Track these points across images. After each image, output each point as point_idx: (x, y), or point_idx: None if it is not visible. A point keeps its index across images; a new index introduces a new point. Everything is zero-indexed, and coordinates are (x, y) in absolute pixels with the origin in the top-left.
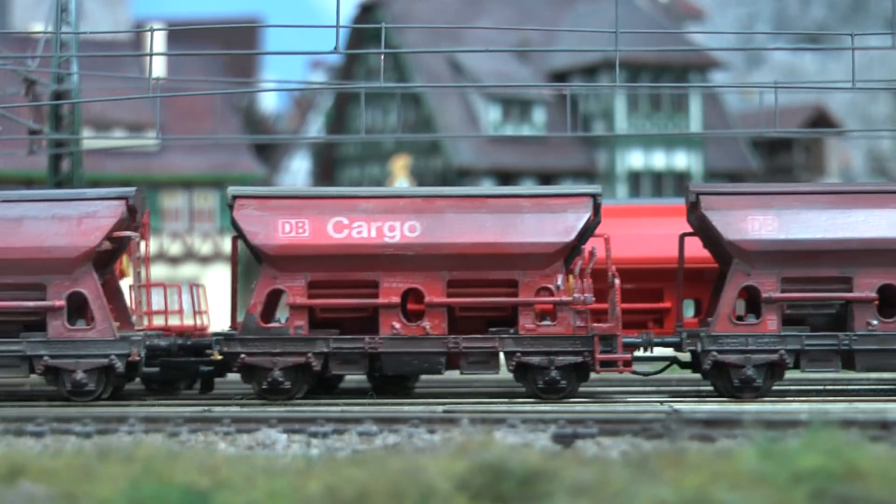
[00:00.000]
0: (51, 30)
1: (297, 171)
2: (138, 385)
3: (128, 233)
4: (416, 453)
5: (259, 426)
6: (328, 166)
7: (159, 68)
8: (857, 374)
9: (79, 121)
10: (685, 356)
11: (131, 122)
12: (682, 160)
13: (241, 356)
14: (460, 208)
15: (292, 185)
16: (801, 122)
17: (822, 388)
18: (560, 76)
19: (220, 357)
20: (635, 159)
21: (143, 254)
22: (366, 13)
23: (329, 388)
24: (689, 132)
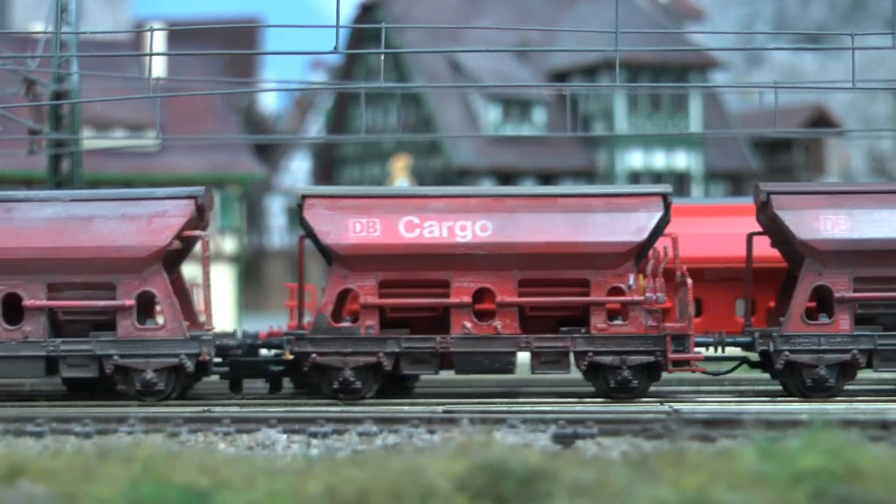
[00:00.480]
0: (51, 30)
1: (297, 171)
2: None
3: (198, 232)
4: (416, 453)
5: (259, 426)
6: (328, 166)
7: (159, 68)
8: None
9: (79, 121)
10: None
11: (131, 122)
12: (681, 160)
13: (312, 356)
14: (531, 208)
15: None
16: (801, 122)
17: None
18: (560, 76)
19: (291, 357)
20: (635, 159)
21: (211, 253)
22: (366, 13)
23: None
24: (689, 132)
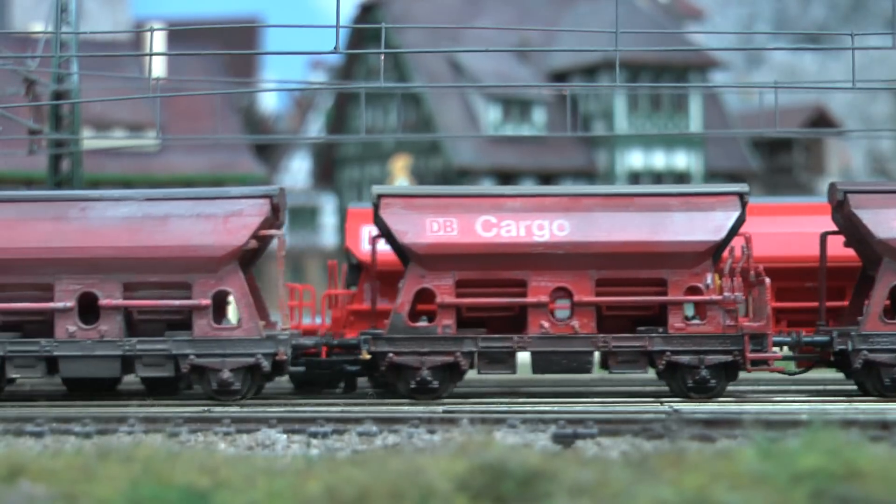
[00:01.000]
0: (51, 30)
1: (298, 171)
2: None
3: (273, 231)
4: (416, 453)
5: (259, 426)
6: (328, 166)
7: (159, 68)
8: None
9: (79, 121)
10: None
11: (131, 122)
12: (681, 160)
13: (389, 355)
14: (608, 207)
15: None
16: (801, 122)
17: (822, 388)
18: (560, 76)
19: (368, 357)
20: (635, 159)
21: (285, 252)
22: (366, 13)
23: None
24: (689, 132)
